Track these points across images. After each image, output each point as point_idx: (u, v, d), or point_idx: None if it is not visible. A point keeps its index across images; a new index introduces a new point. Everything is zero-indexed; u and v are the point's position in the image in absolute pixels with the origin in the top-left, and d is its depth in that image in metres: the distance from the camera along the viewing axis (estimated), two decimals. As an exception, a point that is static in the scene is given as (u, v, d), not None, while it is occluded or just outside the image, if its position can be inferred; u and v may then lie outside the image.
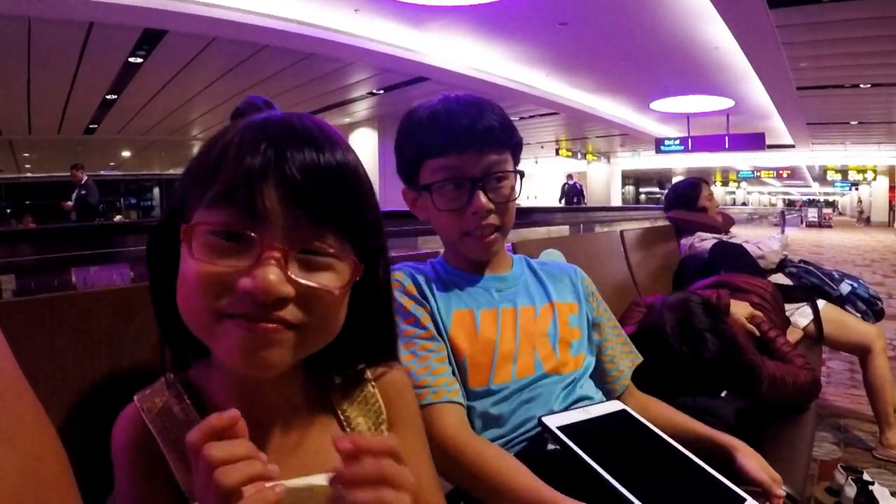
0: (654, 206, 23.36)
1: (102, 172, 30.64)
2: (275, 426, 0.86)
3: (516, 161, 1.50)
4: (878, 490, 2.80)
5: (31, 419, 0.52)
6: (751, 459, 1.43)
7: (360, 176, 0.83)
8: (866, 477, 2.87)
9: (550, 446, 1.33)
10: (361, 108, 19.05)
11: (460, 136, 1.38)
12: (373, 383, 0.98)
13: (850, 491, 2.83)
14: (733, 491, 1.19)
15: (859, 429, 3.74)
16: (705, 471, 1.23)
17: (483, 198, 1.39)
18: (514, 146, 1.48)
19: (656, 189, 56.09)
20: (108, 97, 15.68)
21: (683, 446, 1.30)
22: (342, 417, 0.94)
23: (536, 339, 1.45)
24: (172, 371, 0.88)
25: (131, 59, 12.24)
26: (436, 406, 1.27)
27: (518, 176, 1.48)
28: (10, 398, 0.50)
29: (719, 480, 1.21)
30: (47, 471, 0.51)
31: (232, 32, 10.32)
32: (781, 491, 1.37)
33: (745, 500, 1.17)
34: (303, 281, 0.75)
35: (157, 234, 0.85)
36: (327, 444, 0.69)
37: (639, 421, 1.38)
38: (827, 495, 2.96)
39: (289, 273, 0.73)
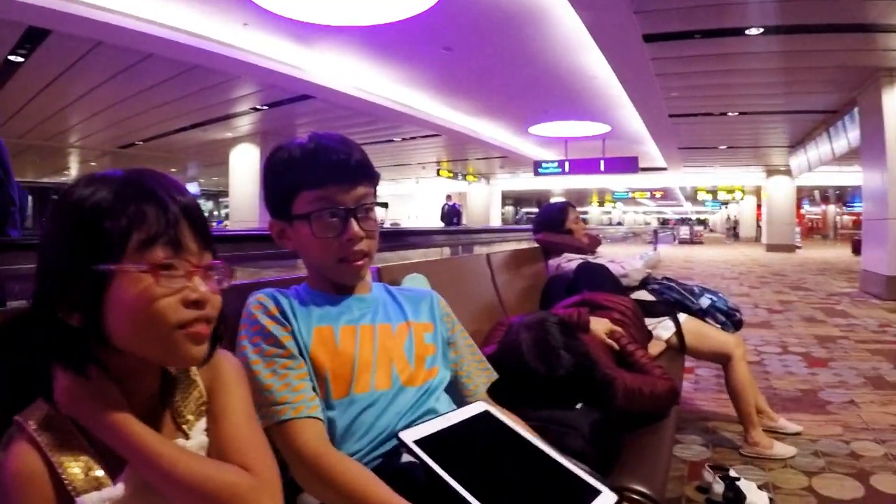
0: (530, 226, 23.72)
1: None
2: (138, 404, 1.05)
3: (376, 194, 1.66)
4: (745, 484, 2.99)
5: None
6: None
7: None
8: (732, 473, 3.06)
9: (406, 458, 1.40)
10: (245, 123, 18.68)
11: (336, 170, 1.53)
12: (195, 373, 1.18)
13: (718, 487, 3.01)
14: (590, 484, 1.27)
15: (726, 430, 3.97)
16: (563, 466, 1.31)
17: (356, 226, 1.54)
18: (377, 181, 1.64)
19: (535, 209, 56.66)
20: (-17, 96, 15.03)
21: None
22: (174, 409, 1.12)
23: (394, 354, 1.56)
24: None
25: (11, 58, 11.67)
26: (296, 421, 1.36)
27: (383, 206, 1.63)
28: None
29: (576, 474, 1.29)
30: None
31: (118, 38, 9.99)
32: None
33: (600, 492, 1.25)
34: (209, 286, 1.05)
35: (58, 273, 1.00)
36: (162, 415, 1.09)
37: (499, 420, 1.46)
38: (698, 493, 3.15)
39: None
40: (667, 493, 2.04)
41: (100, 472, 0.97)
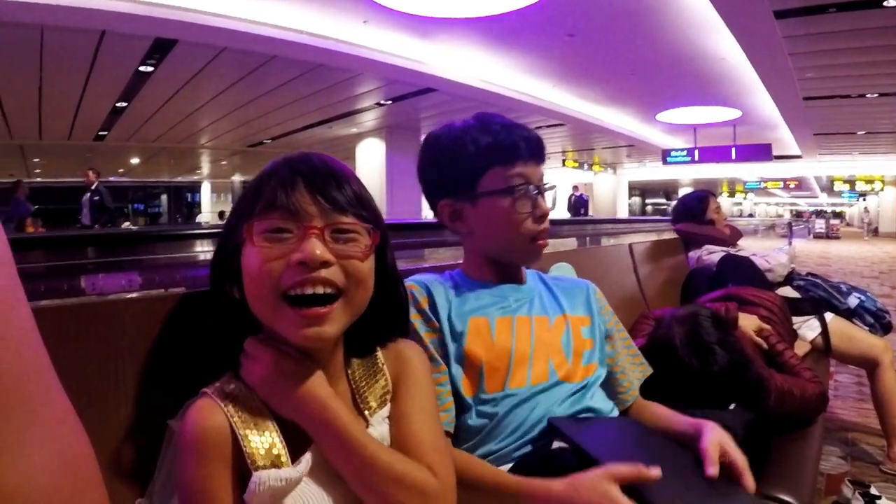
0: (660, 217, 23.15)
1: (112, 179, 30.71)
2: None
3: None
4: (886, 504, 2.78)
5: (70, 416, 0.53)
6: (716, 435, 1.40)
7: (362, 186, 1.11)
8: (874, 491, 2.86)
9: (556, 444, 1.35)
10: (369, 119, 18.94)
11: (528, 146, 1.52)
12: (382, 362, 1.17)
13: (858, 505, 2.80)
14: (741, 494, 1.25)
15: (867, 442, 3.71)
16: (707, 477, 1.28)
17: (545, 204, 1.51)
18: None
19: (663, 200, 55.89)
20: (119, 105, 15.65)
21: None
22: (357, 394, 1.12)
23: (550, 348, 1.49)
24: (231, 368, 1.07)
25: (142, 68, 12.22)
26: None
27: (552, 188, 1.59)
28: (53, 393, 0.52)
29: (723, 484, 1.27)
30: (84, 468, 0.53)
31: (241, 43, 10.33)
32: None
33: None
34: (337, 246, 1.01)
35: (219, 252, 1.10)
36: (346, 403, 1.06)
37: (645, 427, 1.46)
38: None
39: (326, 242, 0.99)
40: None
41: (281, 451, 0.99)
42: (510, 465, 1.36)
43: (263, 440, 0.98)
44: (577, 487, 1.15)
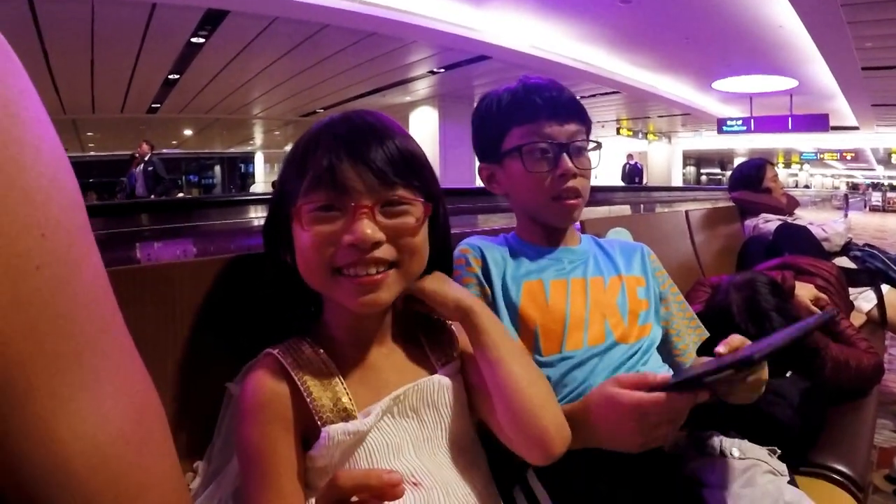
0: (715, 186, 22.82)
1: (165, 151, 31.09)
2: (373, 345, 1.09)
3: (589, 138, 1.58)
4: (938, 480, 2.75)
5: (139, 366, 0.55)
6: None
7: (410, 140, 1.08)
8: None
9: None
10: (422, 87, 18.95)
11: (547, 104, 1.50)
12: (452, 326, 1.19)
13: (910, 480, 2.78)
14: None
15: (921, 418, 3.65)
16: None
17: (569, 161, 1.49)
18: (589, 124, 1.59)
19: (718, 170, 55.03)
20: (171, 77, 15.85)
21: None
22: (424, 344, 1.15)
23: (606, 309, 1.49)
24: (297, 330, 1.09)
25: (193, 40, 12.37)
26: None
27: (597, 147, 1.59)
28: (123, 341, 0.53)
29: None
30: (153, 419, 0.54)
31: (293, 12, 10.36)
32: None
33: None
34: (389, 222, 0.99)
35: (270, 220, 1.11)
36: (409, 360, 1.12)
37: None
38: (886, 483, 2.92)
39: (378, 221, 0.98)
40: (862, 478, 1.89)
41: (349, 405, 1.00)
42: None
43: (329, 394, 1.00)
44: (588, 395, 1.23)
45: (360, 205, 0.97)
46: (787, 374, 1.97)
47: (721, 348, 1.23)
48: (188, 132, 28.30)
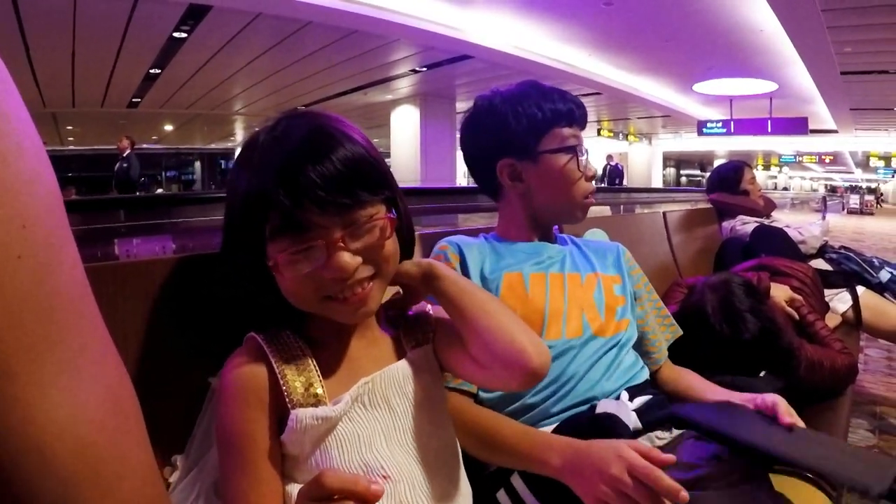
0: (695, 188, 22.93)
1: (145, 146, 30.88)
2: (353, 337, 1.10)
3: None
4: (912, 479, 2.78)
5: (113, 353, 0.56)
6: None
7: (351, 142, 1.01)
8: None
9: (601, 409, 1.37)
10: (404, 86, 18.91)
11: (577, 113, 1.64)
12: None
13: (884, 478, 2.81)
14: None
15: (895, 416, 3.70)
16: None
17: (592, 165, 1.65)
18: None
19: (698, 171, 55.25)
20: (152, 71, 15.76)
21: None
22: (400, 334, 1.16)
23: (584, 303, 1.55)
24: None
25: (175, 34, 12.29)
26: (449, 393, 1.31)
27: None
28: (99, 329, 0.54)
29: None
30: (128, 406, 0.56)
31: (276, 8, 10.33)
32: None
33: None
34: (360, 244, 0.99)
35: (230, 233, 1.07)
36: (386, 350, 1.13)
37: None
38: None
39: (351, 248, 0.98)
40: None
41: (319, 390, 1.01)
42: (554, 425, 1.39)
43: (302, 379, 1.01)
44: (592, 444, 1.15)
45: (331, 240, 0.96)
46: (762, 374, 1.99)
47: None
48: (169, 127, 28.10)
